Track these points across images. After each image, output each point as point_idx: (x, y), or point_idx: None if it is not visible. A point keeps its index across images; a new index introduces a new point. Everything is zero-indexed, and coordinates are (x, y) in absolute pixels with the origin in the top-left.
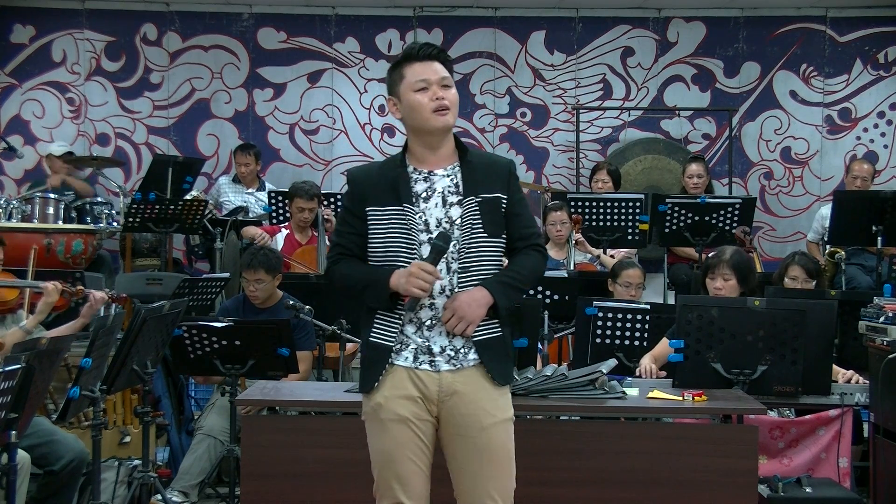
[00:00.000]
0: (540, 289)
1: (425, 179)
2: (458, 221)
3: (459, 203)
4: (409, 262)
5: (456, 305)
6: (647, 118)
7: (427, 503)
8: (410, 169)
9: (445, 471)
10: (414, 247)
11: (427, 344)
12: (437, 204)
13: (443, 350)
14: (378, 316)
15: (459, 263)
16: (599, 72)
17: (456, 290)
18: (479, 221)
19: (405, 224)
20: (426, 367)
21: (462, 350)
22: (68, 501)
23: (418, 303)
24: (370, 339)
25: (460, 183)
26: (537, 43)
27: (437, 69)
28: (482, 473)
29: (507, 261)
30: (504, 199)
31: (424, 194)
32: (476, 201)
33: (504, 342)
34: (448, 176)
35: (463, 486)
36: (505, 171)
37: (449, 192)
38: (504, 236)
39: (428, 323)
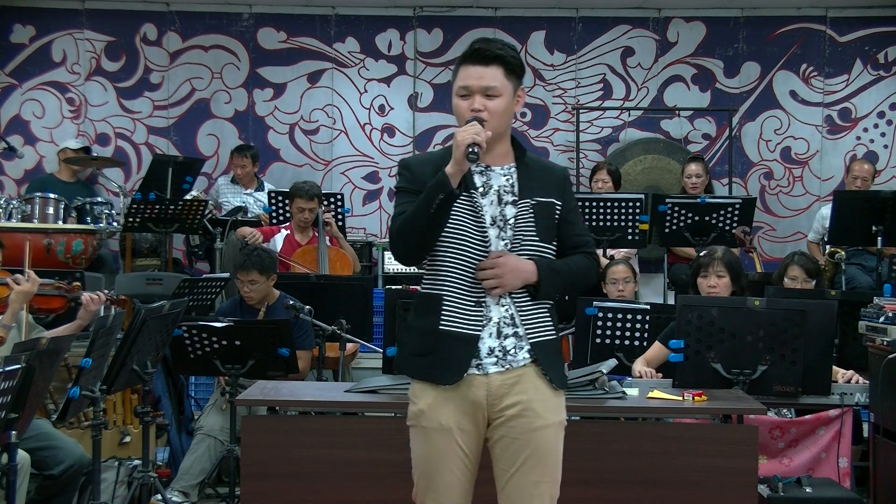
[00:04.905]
0: None
1: (482, 174)
2: (512, 221)
3: (514, 203)
4: (479, 247)
5: (501, 262)
6: (647, 118)
7: None
8: None
9: (489, 472)
10: (484, 229)
11: None
12: (492, 201)
13: (491, 351)
14: (446, 301)
15: None
16: (599, 72)
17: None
18: (533, 225)
19: (473, 210)
20: (473, 370)
21: (512, 350)
22: (67, 503)
23: (479, 150)
24: (440, 327)
25: (516, 184)
26: (537, 43)
27: (484, 75)
28: (528, 477)
29: None
30: (558, 205)
31: (482, 189)
32: (531, 204)
33: (558, 345)
34: (504, 175)
35: (507, 489)
36: (560, 178)
37: (504, 191)
38: (555, 243)
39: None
